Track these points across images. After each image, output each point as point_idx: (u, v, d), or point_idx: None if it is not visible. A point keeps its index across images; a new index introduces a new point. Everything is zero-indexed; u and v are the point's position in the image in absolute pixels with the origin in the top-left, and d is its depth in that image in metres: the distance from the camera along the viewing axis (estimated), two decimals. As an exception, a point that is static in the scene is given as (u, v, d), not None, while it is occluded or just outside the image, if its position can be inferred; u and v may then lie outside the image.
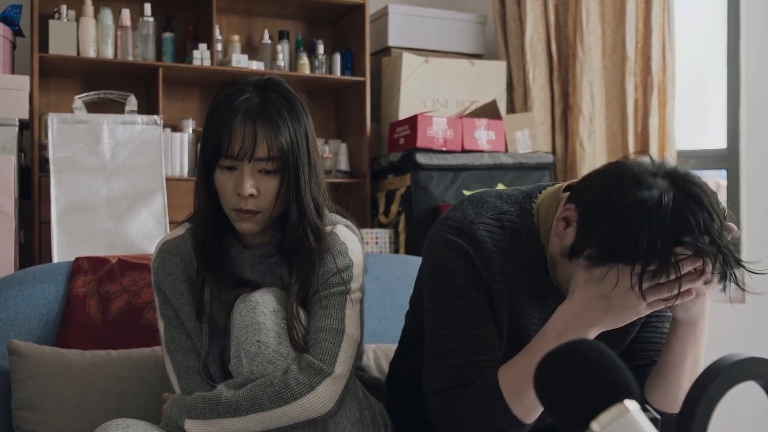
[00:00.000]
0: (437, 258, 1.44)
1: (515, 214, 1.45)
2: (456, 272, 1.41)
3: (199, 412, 1.47)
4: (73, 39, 3.50)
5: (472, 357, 1.39)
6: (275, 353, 1.46)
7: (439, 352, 1.42)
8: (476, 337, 1.40)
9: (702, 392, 0.79)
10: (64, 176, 3.07)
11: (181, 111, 3.93)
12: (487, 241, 1.41)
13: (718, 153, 3.79)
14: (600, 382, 0.76)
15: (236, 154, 1.47)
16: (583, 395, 0.76)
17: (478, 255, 1.40)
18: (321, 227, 1.56)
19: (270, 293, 1.52)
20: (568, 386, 0.78)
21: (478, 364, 1.39)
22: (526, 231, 1.43)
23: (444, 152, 3.63)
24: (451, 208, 1.50)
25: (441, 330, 1.43)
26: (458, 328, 1.40)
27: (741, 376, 0.81)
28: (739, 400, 1.46)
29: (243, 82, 1.54)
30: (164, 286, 1.61)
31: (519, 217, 1.45)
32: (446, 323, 1.42)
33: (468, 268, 1.40)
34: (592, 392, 0.75)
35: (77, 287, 2.00)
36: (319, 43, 4.06)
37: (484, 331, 1.40)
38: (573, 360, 0.79)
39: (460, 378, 1.39)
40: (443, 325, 1.42)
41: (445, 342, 1.42)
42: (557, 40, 3.96)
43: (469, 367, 1.39)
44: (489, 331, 1.41)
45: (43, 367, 1.80)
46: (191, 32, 3.89)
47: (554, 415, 0.79)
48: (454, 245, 1.42)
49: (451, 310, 1.41)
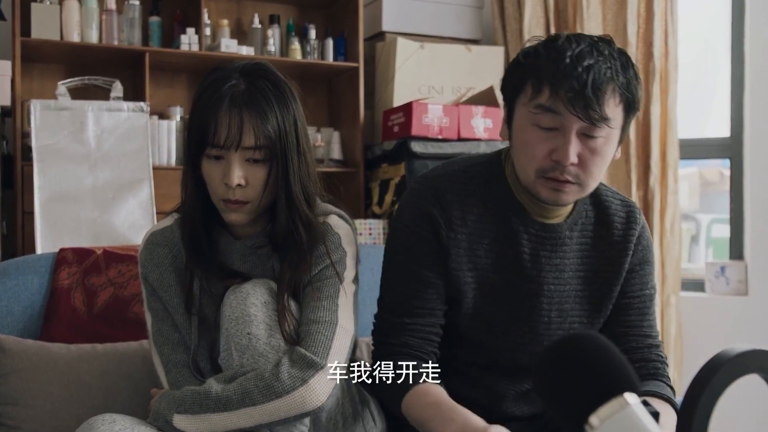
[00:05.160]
0: (400, 214, 1.60)
1: (483, 165, 1.60)
2: (411, 233, 1.55)
3: (188, 407, 1.44)
4: (57, 22, 3.47)
5: (406, 319, 1.54)
6: (266, 346, 1.44)
7: (383, 303, 1.61)
8: (414, 299, 1.54)
9: (704, 385, 0.78)
10: (47, 165, 3.05)
11: (168, 98, 3.92)
12: (449, 192, 1.55)
13: (722, 142, 3.80)
14: (599, 374, 0.76)
15: (222, 143, 1.45)
16: (582, 388, 0.76)
17: (438, 208, 1.54)
18: (311, 217, 1.55)
19: (261, 285, 1.50)
20: (567, 379, 0.78)
21: (414, 326, 1.54)
22: (496, 177, 1.57)
23: (440, 140, 3.62)
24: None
25: (387, 282, 1.60)
26: (401, 288, 1.56)
27: (743, 369, 0.79)
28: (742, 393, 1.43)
29: (230, 68, 1.52)
30: (152, 278, 1.59)
31: (488, 165, 1.59)
32: (392, 280, 1.58)
33: (424, 228, 1.54)
34: (591, 385, 0.76)
35: (62, 279, 1.98)
36: (311, 27, 4.06)
37: (423, 295, 1.54)
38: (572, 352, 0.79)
39: (394, 336, 1.55)
40: (389, 280, 1.59)
41: (387, 295, 1.59)
42: (556, 25, 3.94)
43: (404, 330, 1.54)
44: (428, 295, 1.54)
45: (27, 361, 1.79)
46: (179, 16, 3.86)
47: (553, 408, 0.79)
48: (416, 202, 1.56)
49: (398, 266, 1.58)
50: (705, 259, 4.50)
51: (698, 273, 3.92)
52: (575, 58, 1.40)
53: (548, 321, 1.58)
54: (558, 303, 1.58)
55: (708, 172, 4.50)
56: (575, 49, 1.41)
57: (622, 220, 1.61)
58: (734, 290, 3.65)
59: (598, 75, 1.39)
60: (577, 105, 1.39)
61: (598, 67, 1.39)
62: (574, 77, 1.38)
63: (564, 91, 1.39)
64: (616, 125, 1.44)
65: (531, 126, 1.46)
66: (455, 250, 1.54)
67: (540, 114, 1.43)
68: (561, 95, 1.40)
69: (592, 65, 1.39)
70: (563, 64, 1.40)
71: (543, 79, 1.43)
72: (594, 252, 1.60)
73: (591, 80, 1.38)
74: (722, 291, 3.68)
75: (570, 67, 1.39)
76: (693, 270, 4.05)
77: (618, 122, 1.44)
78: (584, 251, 1.59)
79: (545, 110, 1.43)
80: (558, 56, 1.41)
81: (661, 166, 3.68)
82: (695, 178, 4.50)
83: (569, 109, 1.39)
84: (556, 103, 1.41)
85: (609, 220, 1.61)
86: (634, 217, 1.62)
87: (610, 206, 1.62)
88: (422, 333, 1.55)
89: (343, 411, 1.54)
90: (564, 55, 1.41)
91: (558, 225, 1.57)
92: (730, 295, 3.66)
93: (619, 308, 1.61)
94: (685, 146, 3.75)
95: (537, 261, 1.57)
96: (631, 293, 1.61)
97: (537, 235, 1.56)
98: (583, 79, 1.38)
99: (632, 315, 1.61)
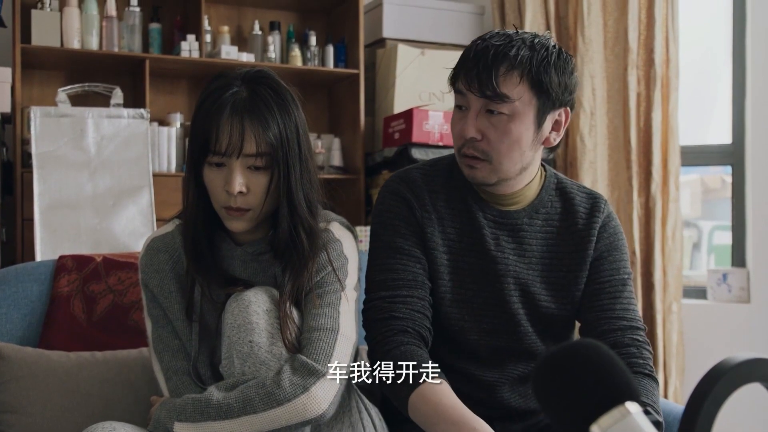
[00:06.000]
0: (378, 203, 1.69)
1: (449, 159, 1.71)
2: (389, 212, 1.65)
3: (189, 415, 1.43)
4: (57, 29, 3.47)
5: (400, 291, 1.58)
6: (268, 354, 1.44)
7: (373, 284, 1.63)
8: (403, 272, 1.60)
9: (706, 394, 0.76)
10: (47, 172, 3.05)
11: (168, 104, 3.92)
12: (419, 180, 1.66)
13: (723, 148, 3.79)
14: (600, 383, 0.75)
15: (224, 150, 1.46)
16: (582, 397, 0.75)
17: (411, 193, 1.64)
18: (313, 225, 1.55)
19: (263, 292, 1.50)
20: (567, 388, 0.77)
21: (405, 299, 1.58)
22: (458, 167, 1.65)
23: (440, 147, 3.61)
24: None
25: (375, 264, 1.64)
26: (388, 263, 1.61)
27: (745, 378, 0.78)
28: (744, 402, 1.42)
29: (231, 75, 1.53)
30: (152, 284, 1.59)
31: (452, 159, 1.68)
32: (379, 259, 1.63)
33: (401, 208, 1.64)
34: (592, 394, 0.75)
35: (61, 287, 1.97)
36: (311, 34, 4.06)
37: (411, 268, 1.61)
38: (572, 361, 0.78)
39: (390, 310, 1.57)
40: (376, 261, 1.64)
41: (377, 275, 1.63)
42: (557, 32, 3.93)
43: (398, 301, 1.58)
44: (415, 268, 1.61)
45: (26, 369, 1.78)
46: (179, 23, 3.87)
47: (553, 417, 0.78)
48: (391, 189, 1.67)
49: (383, 246, 1.64)
50: (707, 266, 4.49)
51: (700, 280, 3.91)
52: (481, 40, 1.55)
53: (518, 303, 1.65)
54: (523, 285, 1.65)
55: (710, 179, 4.49)
56: (490, 35, 1.56)
57: (586, 210, 1.69)
58: (736, 298, 3.64)
59: (493, 52, 1.51)
60: (471, 80, 1.52)
61: (497, 46, 1.52)
62: (474, 57, 1.53)
63: (463, 70, 1.55)
64: (522, 103, 1.53)
65: (454, 110, 1.62)
66: (430, 229, 1.63)
67: (456, 96, 1.60)
68: (460, 74, 1.56)
69: (492, 46, 1.52)
70: (470, 48, 1.56)
71: (458, 64, 1.58)
72: (558, 240, 1.67)
73: (484, 56, 1.51)
74: (724, 298, 3.68)
75: (474, 50, 1.54)
76: (695, 277, 4.04)
77: (524, 100, 1.53)
78: (549, 239, 1.67)
79: (456, 91, 1.59)
80: (474, 43, 1.57)
81: (662, 172, 3.67)
82: (697, 185, 4.49)
83: (466, 87, 1.54)
84: (458, 83, 1.57)
85: (573, 210, 1.68)
86: (598, 206, 1.70)
87: (575, 198, 1.70)
88: (417, 305, 1.58)
89: (343, 419, 1.53)
90: (478, 41, 1.56)
91: (515, 212, 1.66)
92: (732, 302, 3.65)
93: (590, 294, 1.66)
94: (686, 153, 3.75)
95: (499, 245, 1.65)
96: (600, 279, 1.66)
97: (495, 221, 1.65)
98: (478, 56, 1.52)
99: (603, 299, 1.65)
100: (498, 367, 1.67)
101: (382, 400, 1.70)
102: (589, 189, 1.74)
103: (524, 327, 1.65)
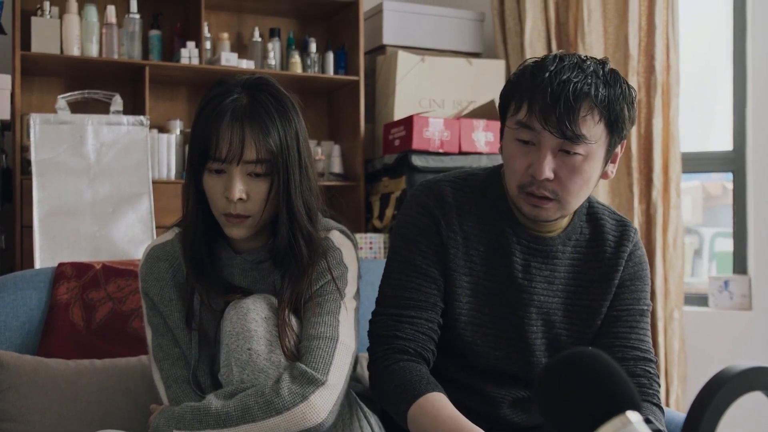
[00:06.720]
0: (402, 213, 1.64)
1: (483, 176, 1.64)
2: (414, 226, 1.59)
3: (188, 424, 1.43)
4: (57, 36, 3.48)
5: (409, 311, 1.55)
6: (266, 361, 1.44)
7: (384, 298, 1.60)
8: (416, 292, 1.56)
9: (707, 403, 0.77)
10: (46, 179, 3.06)
11: (168, 111, 3.92)
12: (450, 195, 1.60)
13: (724, 155, 3.79)
14: (601, 392, 0.76)
15: (224, 156, 1.46)
16: (584, 406, 0.76)
17: (439, 208, 1.58)
18: (313, 232, 1.54)
19: (262, 300, 1.49)
20: (569, 397, 0.77)
21: (412, 320, 1.55)
22: (494, 188, 1.62)
23: (441, 154, 3.61)
24: None
25: (389, 278, 1.60)
26: (402, 280, 1.57)
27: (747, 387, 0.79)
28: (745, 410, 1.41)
29: (232, 82, 1.53)
30: (152, 292, 1.58)
31: (487, 177, 1.64)
32: (394, 273, 1.59)
33: (426, 224, 1.58)
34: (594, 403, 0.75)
35: (60, 294, 1.97)
36: (311, 41, 4.06)
37: (425, 288, 1.57)
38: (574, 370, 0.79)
39: (395, 328, 1.55)
40: (391, 275, 1.60)
41: (389, 290, 1.59)
42: (558, 38, 3.93)
43: (405, 321, 1.55)
44: (429, 289, 1.57)
45: (25, 377, 1.77)
46: (179, 30, 3.88)
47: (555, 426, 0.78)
48: (418, 201, 1.61)
49: (400, 260, 1.59)
50: (708, 273, 4.48)
51: (701, 287, 3.90)
52: (554, 74, 1.42)
53: (536, 330, 1.61)
54: (546, 314, 1.61)
55: (711, 186, 4.48)
56: (558, 65, 1.43)
57: (615, 238, 1.64)
58: (738, 305, 3.63)
59: (573, 90, 1.40)
60: (550, 120, 1.41)
61: (575, 82, 1.41)
62: (548, 93, 1.41)
63: (538, 107, 1.42)
64: (598, 143, 1.45)
65: (513, 141, 1.49)
66: (453, 250, 1.58)
67: (519, 129, 1.47)
68: (535, 111, 1.43)
69: (569, 80, 1.41)
70: (540, 79, 1.43)
71: (523, 96, 1.46)
72: (586, 267, 1.63)
73: (565, 95, 1.40)
74: (726, 305, 3.67)
75: (546, 83, 1.42)
76: (696, 284, 4.03)
77: (600, 140, 1.45)
78: (576, 266, 1.62)
79: (523, 126, 1.46)
80: (538, 72, 1.44)
81: (663, 179, 3.67)
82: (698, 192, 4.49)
83: (542, 125, 1.42)
84: (531, 118, 1.44)
85: (603, 237, 1.64)
86: (627, 235, 1.65)
87: (605, 224, 1.65)
88: (423, 327, 1.55)
89: (343, 427, 1.53)
90: (544, 71, 1.43)
91: (551, 238, 1.60)
92: (733, 309, 3.64)
93: (608, 321, 1.63)
94: (687, 160, 3.75)
95: (528, 272, 1.59)
96: (620, 307, 1.63)
97: (529, 247, 1.59)
98: (557, 94, 1.40)
99: (620, 327, 1.62)
100: (504, 388, 1.64)
101: (382, 409, 1.69)
102: (619, 215, 1.69)
103: (537, 358, 1.61)
